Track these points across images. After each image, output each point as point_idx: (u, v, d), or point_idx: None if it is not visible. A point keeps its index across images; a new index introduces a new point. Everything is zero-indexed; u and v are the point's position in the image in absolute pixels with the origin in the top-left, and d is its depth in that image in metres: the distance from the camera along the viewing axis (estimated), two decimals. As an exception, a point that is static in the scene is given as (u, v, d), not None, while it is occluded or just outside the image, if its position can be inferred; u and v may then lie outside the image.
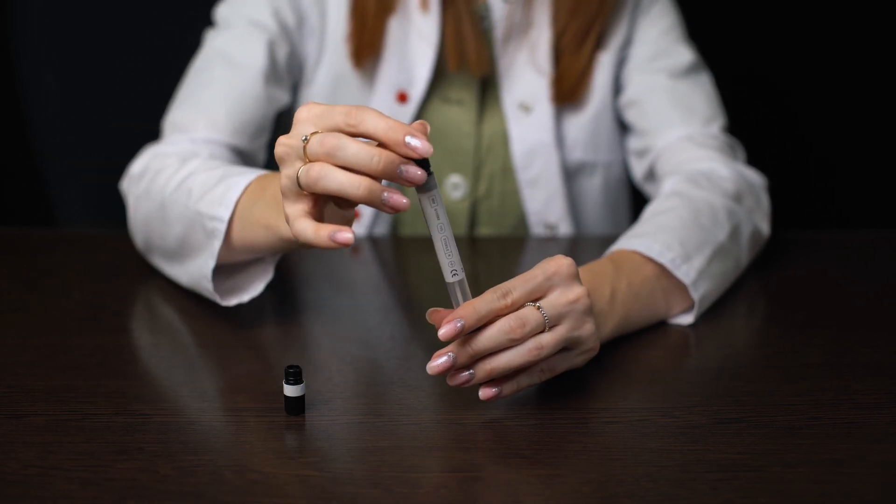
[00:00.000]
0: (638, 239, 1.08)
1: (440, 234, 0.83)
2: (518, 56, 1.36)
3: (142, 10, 1.60)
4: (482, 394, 0.88)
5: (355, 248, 1.33)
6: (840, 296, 1.19)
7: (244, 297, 1.06)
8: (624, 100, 1.40)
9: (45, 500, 0.76)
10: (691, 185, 1.21)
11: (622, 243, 1.08)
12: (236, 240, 1.02)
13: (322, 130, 0.81)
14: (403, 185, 0.82)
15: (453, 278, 0.85)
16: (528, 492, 0.78)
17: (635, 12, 1.39)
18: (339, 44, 1.34)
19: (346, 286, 1.22)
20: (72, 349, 1.02)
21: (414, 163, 0.80)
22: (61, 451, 0.82)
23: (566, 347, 0.89)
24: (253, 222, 0.99)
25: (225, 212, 1.01)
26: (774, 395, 0.94)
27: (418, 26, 1.33)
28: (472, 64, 1.33)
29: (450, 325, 0.83)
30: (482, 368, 0.86)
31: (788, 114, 2.03)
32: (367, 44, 1.33)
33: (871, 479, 0.80)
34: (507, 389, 0.88)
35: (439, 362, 0.85)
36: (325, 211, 0.86)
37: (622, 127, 1.43)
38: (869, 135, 2.03)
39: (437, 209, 0.82)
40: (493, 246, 1.38)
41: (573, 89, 1.37)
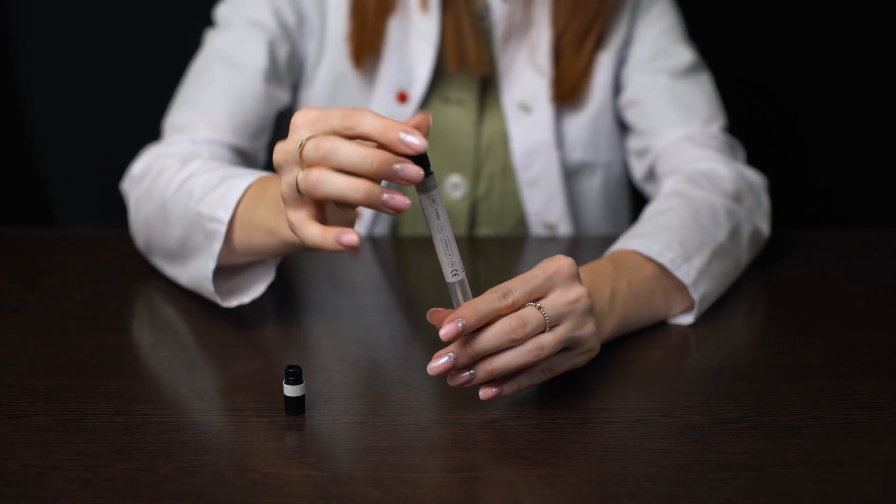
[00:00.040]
0: (638, 239, 1.08)
1: (440, 235, 0.83)
2: (518, 56, 1.36)
3: (142, 10, 1.60)
4: (482, 394, 0.88)
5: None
6: (840, 296, 1.19)
7: (245, 298, 1.06)
8: (624, 100, 1.40)
9: (45, 500, 0.76)
10: (691, 185, 1.21)
11: (622, 243, 1.08)
12: (238, 242, 1.02)
13: (318, 134, 0.81)
14: (403, 185, 0.82)
15: (454, 278, 0.85)
16: (528, 492, 0.78)
17: (635, 12, 1.39)
18: (339, 44, 1.35)
19: (346, 286, 1.22)
20: (72, 349, 1.02)
21: (412, 161, 0.79)
22: (61, 451, 0.82)
23: (567, 347, 0.89)
24: (254, 225, 0.99)
25: (225, 213, 1.01)
26: (774, 395, 0.94)
27: (418, 26, 1.33)
28: (471, 64, 1.33)
29: (451, 325, 0.83)
30: (483, 369, 0.86)
31: (788, 114, 2.03)
32: (367, 44, 1.33)
33: (871, 479, 0.80)
34: (508, 389, 0.88)
35: (440, 363, 0.85)
36: (326, 213, 0.86)
37: (622, 127, 1.43)
38: (869, 135, 2.03)
39: (437, 209, 0.82)
40: (492, 246, 1.38)
41: (573, 89, 1.37)
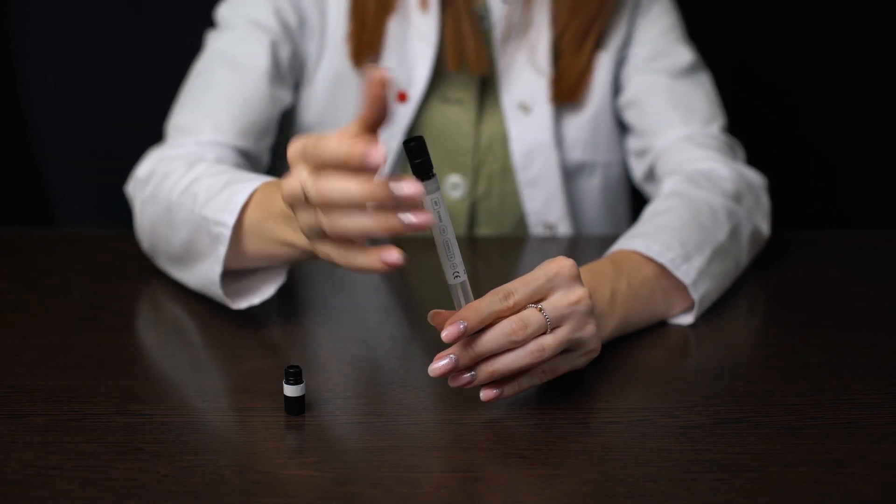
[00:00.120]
0: (638, 239, 1.08)
1: (442, 237, 0.83)
2: (517, 56, 1.36)
3: (142, 10, 1.60)
4: (483, 395, 0.88)
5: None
6: (840, 296, 1.19)
7: (255, 300, 1.06)
8: (623, 100, 1.40)
9: (45, 500, 0.76)
10: (691, 185, 1.21)
11: (622, 243, 1.08)
12: (251, 251, 1.02)
13: (312, 171, 0.79)
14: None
15: (455, 280, 0.85)
16: (528, 492, 0.78)
17: (635, 12, 1.39)
18: (339, 44, 1.34)
19: (346, 286, 1.22)
20: (72, 349, 1.02)
21: (407, 177, 0.78)
22: (61, 451, 0.82)
23: (568, 349, 0.89)
24: (269, 238, 0.99)
25: (229, 217, 1.01)
26: (774, 395, 0.94)
27: (417, 26, 1.33)
28: (471, 64, 1.33)
29: (452, 326, 0.83)
30: (484, 370, 0.86)
31: (788, 114, 2.03)
32: (367, 44, 1.33)
33: (871, 479, 0.80)
34: (509, 391, 0.88)
35: (441, 364, 0.85)
36: None
37: (622, 127, 1.43)
38: (869, 135, 2.03)
39: (439, 211, 0.82)
40: (492, 246, 1.38)
41: (572, 89, 1.37)
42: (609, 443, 0.86)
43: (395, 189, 0.76)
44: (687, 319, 1.08)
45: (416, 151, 0.79)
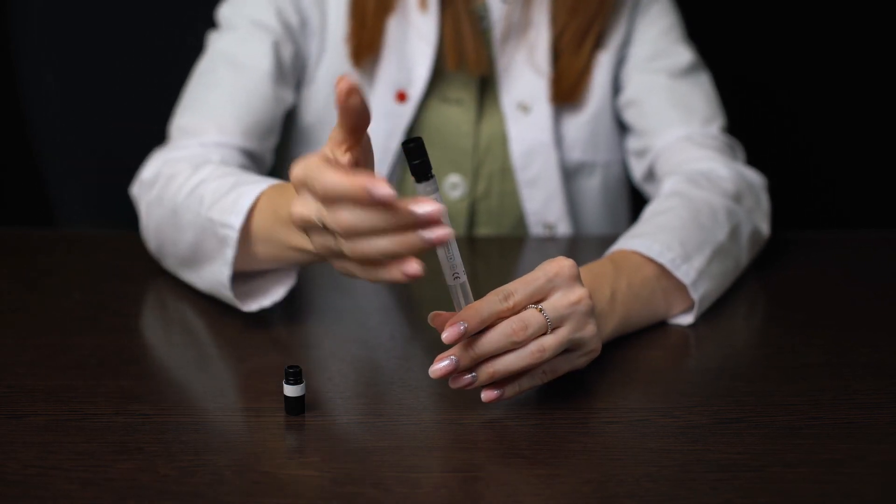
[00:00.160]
0: (638, 239, 1.08)
1: None
2: (516, 56, 1.36)
3: (142, 10, 1.60)
4: (484, 396, 0.87)
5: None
6: (840, 296, 1.19)
7: (265, 302, 1.06)
8: (623, 99, 1.40)
9: (45, 500, 0.76)
10: (691, 185, 1.21)
11: (622, 243, 1.08)
12: (260, 254, 1.02)
13: (318, 199, 0.78)
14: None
15: (455, 281, 0.85)
16: (528, 492, 0.78)
17: (634, 12, 1.39)
18: (339, 43, 1.34)
19: (346, 286, 1.22)
20: (72, 349, 1.02)
21: (423, 198, 0.77)
22: (61, 451, 0.82)
23: (568, 349, 0.89)
24: (279, 243, 0.99)
25: (236, 219, 1.01)
26: (774, 395, 0.94)
27: (417, 26, 1.33)
28: (470, 63, 1.33)
29: (453, 328, 0.83)
30: (485, 371, 0.86)
31: (788, 114, 2.03)
32: (367, 43, 1.33)
33: (871, 479, 0.80)
34: (510, 391, 0.88)
35: (442, 366, 0.85)
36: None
37: (621, 127, 1.43)
38: (869, 135, 2.03)
39: None
40: (491, 246, 1.38)
41: (572, 89, 1.37)
42: (609, 443, 0.86)
43: (415, 211, 0.75)
44: (687, 319, 1.08)
45: (414, 152, 0.79)
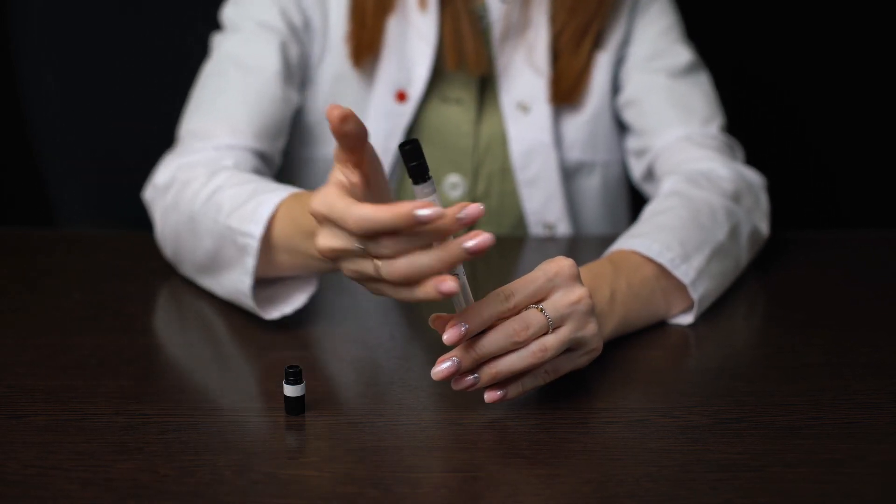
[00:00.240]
0: (637, 239, 1.08)
1: None
2: (515, 56, 1.36)
3: (142, 10, 1.60)
4: (487, 397, 0.87)
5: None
6: (840, 296, 1.19)
7: (286, 309, 1.06)
8: (622, 99, 1.40)
9: (45, 500, 0.76)
10: (690, 185, 1.21)
11: (621, 243, 1.08)
12: (282, 263, 1.03)
13: (355, 230, 0.77)
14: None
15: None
16: (528, 492, 0.78)
17: (633, 11, 1.39)
18: (340, 43, 1.34)
19: (346, 286, 1.22)
20: (72, 349, 1.02)
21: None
22: (61, 451, 0.82)
23: (570, 348, 0.89)
24: (301, 253, 0.99)
25: (256, 228, 1.01)
26: (774, 395, 0.94)
27: (417, 25, 1.33)
28: (470, 63, 1.33)
29: (453, 329, 0.83)
30: (487, 372, 0.86)
31: (787, 113, 2.03)
32: (367, 43, 1.33)
33: (871, 479, 0.80)
34: (512, 392, 0.88)
35: (444, 367, 0.85)
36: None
37: (621, 126, 1.43)
38: (868, 134, 2.03)
39: None
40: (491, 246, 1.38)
41: (571, 90, 1.37)
42: (609, 443, 0.86)
43: (463, 216, 0.76)
44: (687, 319, 1.08)
45: (411, 154, 0.79)
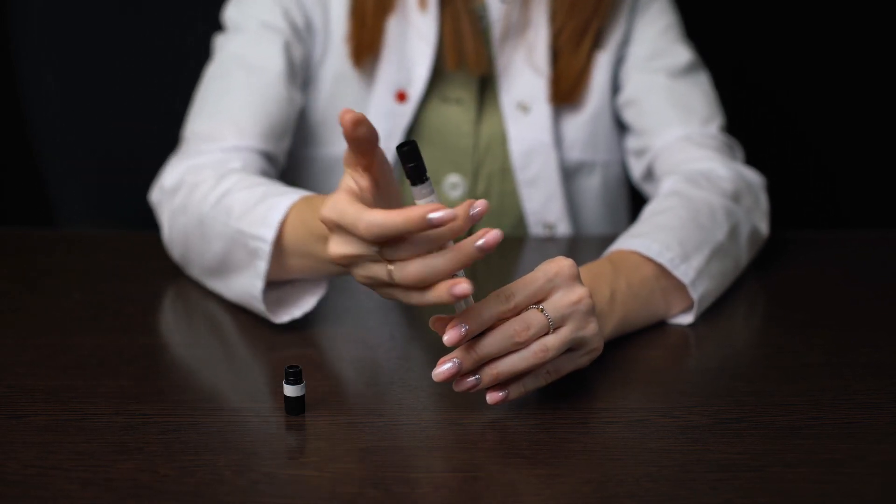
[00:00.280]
0: (636, 239, 1.08)
1: None
2: (515, 56, 1.36)
3: (142, 10, 1.60)
4: (489, 398, 0.87)
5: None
6: (840, 296, 1.19)
7: (296, 313, 1.06)
8: (622, 99, 1.40)
9: (45, 500, 0.76)
10: (690, 185, 1.21)
11: (620, 243, 1.08)
12: (293, 267, 1.03)
13: (367, 237, 0.78)
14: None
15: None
16: (528, 492, 0.78)
17: (633, 11, 1.39)
18: (341, 44, 1.34)
19: (346, 286, 1.22)
20: (72, 349, 1.02)
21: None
22: (61, 451, 0.82)
23: (571, 348, 0.89)
24: (316, 258, 0.99)
25: (268, 232, 1.01)
26: (774, 395, 0.94)
27: (417, 26, 1.33)
28: (470, 63, 1.33)
29: (454, 330, 0.83)
30: (488, 373, 0.86)
31: (787, 113, 2.03)
32: (367, 43, 1.33)
33: (871, 479, 0.80)
34: (514, 392, 0.88)
35: (444, 368, 0.85)
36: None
37: (621, 126, 1.43)
38: (868, 134, 2.03)
39: None
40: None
41: (571, 89, 1.37)
42: (609, 443, 0.86)
43: (475, 213, 0.77)
44: (686, 319, 1.08)
45: (409, 155, 0.79)
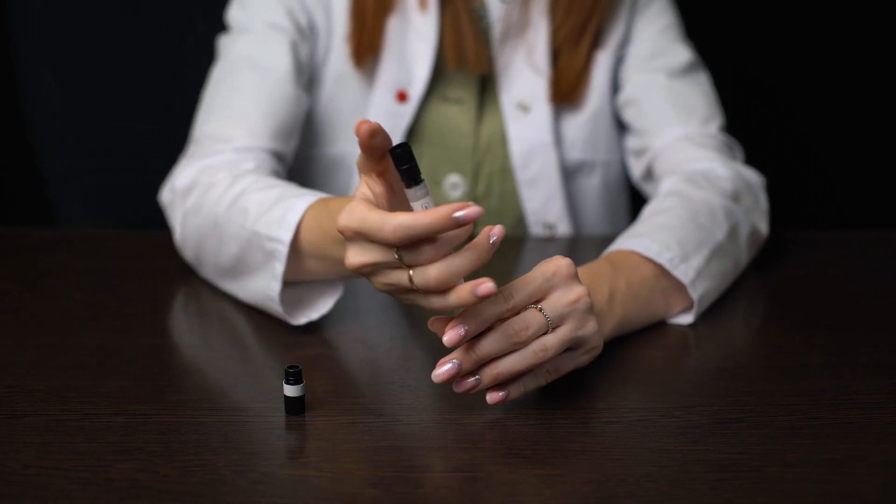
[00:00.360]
0: (636, 239, 1.08)
1: None
2: (515, 56, 1.36)
3: (142, 10, 1.60)
4: (490, 398, 0.87)
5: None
6: (840, 296, 1.19)
7: (312, 315, 1.06)
8: (622, 99, 1.40)
9: (45, 500, 0.76)
10: (689, 185, 1.21)
11: (620, 243, 1.08)
12: (310, 269, 1.03)
13: (393, 240, 0.79)
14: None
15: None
16: (528, 492, 0.78)
17: (633, 11, 1.39)
18: (341, 44, 1.35)
19: (346, 286, 1.22)
20: (72, 349, 1.02)
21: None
22: (61, 451, 0.82)
23: (570, 347, 0.89)
24: (334, 260, 0.98)
25: (285, 234, 1.01)
26: (774, 395, 0.94)
27: (417, 26, 1.33)
28: (471, 62, 1.33)
29: (453, 331, 0.83)
30: (488, 373, 0.86)
31: (787, 113, 2.03)
32: (367, 43, 1.33)
33: (871, 479, 0.80)
34: (514, 392, 0.88)
35: (444, 369, 0.85)
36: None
37: (620, 126, 1.43)
38: (868, 134, 2.04)
39: None
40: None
41: (571, 89, 1.37)
42: (609, 443, 0.86)
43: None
44: (686, 319, 1.08)
45: (402, 157, 0.79)
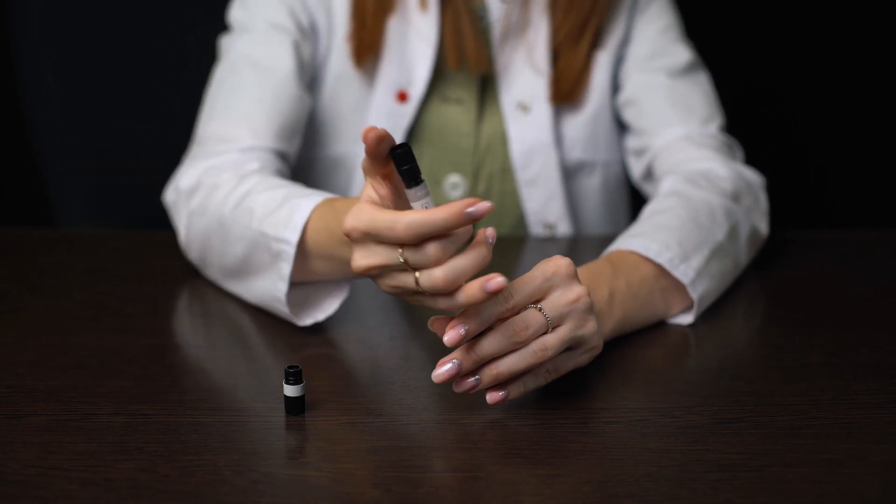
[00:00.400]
0: (636, 239, 1.08)
1: None
2: (515, 56, 1.36)
3: (142, 9, 1.60)
4: (490, 398, 0.87)
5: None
6: (840, 296, 1.19)
7: (319, 316, 1.06)
8: (622, 99, 1.40)
9: (45, 500, 0.76)
10: (689, 185, 1.21)
11: (620, 243, 1.08)
12: (317, 269, 1.02)
13: (405, 238, 0.79)
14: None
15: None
16: (528, 492, 0.78)
17: (633, 11, 1.39)
18: (342, 44, 1.35)
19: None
20: (72, 349, 1.02)
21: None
22: (61, 451, 0.82)
23: (570, 347, 0.89)
24: (341, 260, 0.98)
25: (292, 235, 1.01)
26: (774, 395, 0.94)
27: (417, 26, 1.33)
28: (471, 62, 1.33)
29: (453, 331, 0.83)
30: (488, 373, 0.86)
31: (787, 113, 2.03)
32: (367, 44, 1.33)
33: (871, 479, 0.80)
34: (514, 392, 0.88)
35: (444, 370, 0.85)
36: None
37: (620, 126, 1.43)
38: (867, 134, 2.04)
39: None
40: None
41: (571, 89, 1.37)
42: (609, 443, 0.86)
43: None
44: (686, 319, 1.08)
45: (403, 158, 0.79)
